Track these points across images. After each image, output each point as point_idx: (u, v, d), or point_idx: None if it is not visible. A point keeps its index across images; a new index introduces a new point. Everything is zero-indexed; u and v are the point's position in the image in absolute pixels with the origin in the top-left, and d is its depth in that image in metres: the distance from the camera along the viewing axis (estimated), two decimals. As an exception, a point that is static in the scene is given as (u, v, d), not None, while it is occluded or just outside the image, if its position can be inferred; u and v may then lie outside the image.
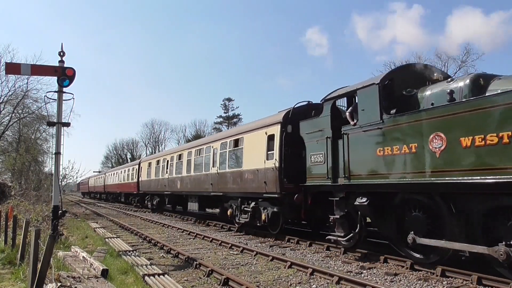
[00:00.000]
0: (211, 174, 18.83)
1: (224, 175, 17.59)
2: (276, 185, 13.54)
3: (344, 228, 10.71)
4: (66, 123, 11.36)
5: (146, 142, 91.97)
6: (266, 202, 14.46)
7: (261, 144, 14.64)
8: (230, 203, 17.21)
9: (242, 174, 15.83)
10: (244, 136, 16.29)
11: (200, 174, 20.50)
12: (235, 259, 10.99)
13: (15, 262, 9.46)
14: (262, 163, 14.39)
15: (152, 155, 40.83)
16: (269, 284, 8.12)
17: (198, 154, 21.17)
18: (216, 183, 18.21)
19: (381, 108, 9.30)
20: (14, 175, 40.57)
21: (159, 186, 28.42)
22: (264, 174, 14.22)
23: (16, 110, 43.15)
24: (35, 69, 12.34)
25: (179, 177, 23.91)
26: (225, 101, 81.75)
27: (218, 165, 18.21)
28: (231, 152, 17.36)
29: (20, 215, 14.90)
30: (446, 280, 8.12)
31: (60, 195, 11.03)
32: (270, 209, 14.23)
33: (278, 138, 13.69)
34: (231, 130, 18.90)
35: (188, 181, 22.29)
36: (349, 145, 10.21)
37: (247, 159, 15.70)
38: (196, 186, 21.05)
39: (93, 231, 17.52)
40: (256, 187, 14.77)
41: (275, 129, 14.04)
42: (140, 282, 8.10)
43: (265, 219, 14.40)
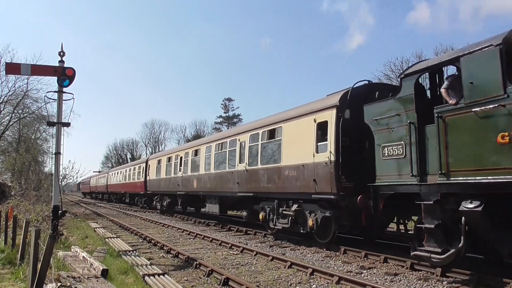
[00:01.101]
0: (238, 172, 16.37)
1: (255, 173, 15.11)
2: (331, 184, 11.12)
3: (439, 242, 8.09)
4: (66, 123, 11.34)
5: (146, 142, 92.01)
6: (314, 205, 12.16)
7: (308, 134, 12.18)
8: (262, 205, 14.93)
9: (280, 170, 13.39)
10: (283, 126, 13.68)
11: (222, 171, 17.97)
12: (235, 259, 10.99)
13: (15, 262, 9.46)
14: (310, 157, 11.94)
15: (162, 151, 37.72)
16: (269, 284, 8.13)
17: (220, 148, 18.58)
18: (245, 181, 15.80)
19: (504, 77, 6.97)
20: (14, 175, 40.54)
21: (170, 185, 25.80)
22: (313, 170, 11.79)
23: (16, 110, 43.21)
24: (35, 69, 12.32)
25: (196, 176, 21.30)
26: (225, 101, 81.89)
27: (247, 161, 15.67)
28: (264, 145, 14.83)
29: (20, 215, 14.90)
30: (446, 280, 8.12)
31: (60, 195, 11.01)
32: (320, 214, 11.84)
33: (334, 125, 11.17)
34: (264, 120, 15.55)
35: (207, 179, 19.67)
36: (448, 131, 7.84)
37: (287, 152, 13.21)
38: (217, 185, 18.50)
39: (93, 231, 17.53)
40: (300, 186, 12.39)
41: (328, 114, 11.53)
42: (140, 282, 8.10)
43: (313, 226, 12.01)
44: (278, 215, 13.79)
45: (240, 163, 16.26)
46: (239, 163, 16.29)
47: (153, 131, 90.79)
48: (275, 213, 13.95)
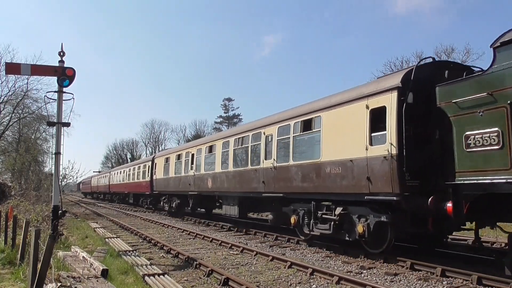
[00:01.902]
0: (263, 170, 14.46)
1: (285, 170, 13.22)
2: (392, 183, 9.16)
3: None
4: (66, 123, 11.35)
5: (146, 142, 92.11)
6: (364, 208, 10.33)
7: (357, 123, 10.31)
8: (294, 207, 13.11)
9: (319, 167, 11.48)
10: (322, 115, 11.68)
11: (244, 169, 16.07)
12: (235, 259, 10.99)
13: (15, 262, 9.46)
14: (361, 151, 10.05)
15: (171, 148, 35.14)
16: (269, 284, 8.12)
17: (240, 143, 16.64)
18: (272, 180, 13.89)
19: None
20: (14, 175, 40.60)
21: (180, 185, 23.63)
22: (366, 166, 9.87)
23: (16, 110, 43.29)
24: (35, 69, 12.33)
25: (211, 174, 19.25)
26: (225, 101, 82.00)
27: (275, 157, 13.71)
28: (298, 139, 12.91)
29: (20, 215, 14.89)
30: (446, 280, 8.12)
31: (60, 195, 11.02)
32: (373, 218, 9.99)
33: (395, 111, 9.19)
34: (296, 110, 13.48)
35: (225, 178, 17.67)
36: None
37: (328, 146, 11.25)
38: (236, 184, 16.63)
39: (93, 231, 17.52)
40: (347, 186, 10.52)
41: (386, 99, 9.59)
42: (140, 282, 8.10)
43: (363, 232, 10.12)
44: (316, 219, 11.85)
45: (266, 160, 14.35)
46: (265, 160, 14.39)
47: (153, 131, 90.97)
48: (312, 216, 12.02)
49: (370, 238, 10.19)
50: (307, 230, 12.43)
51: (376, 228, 10.00)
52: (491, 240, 12.64)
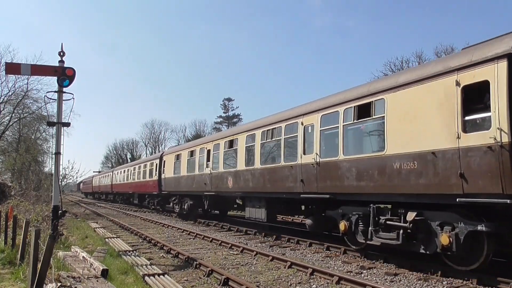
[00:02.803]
0: (302, 166, 12.31)
1: (333, 167, 11.06)
2: (502, 180, 7.13)
3: None
4: (66, 123, 11.36)
5: (146, 142, 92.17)
6: (450, 213, 8.34)
7: (443, 105, 8.22)
8: (344, 211, 11.06)
9: (384, 162, 9.36)
10: (386, 97, 9.48)
11: (275, 166, 13.91)
12: (235, 259, 10.99)
13: (15, 262, 9.46)
14: (450, 140, 7.95)
15: (182, 144, 32.67)
16: (269, 284, 8.12)
17: (270, 136, 14.47)
18: (314, 178, 11.78)
19: None
20: (14, 175, 40.63)
21: (194, 184, 21.41)
22: (458, 159, 7.80)
23: (16, 110, 43.25)
24: (35, 69, 12.34)
25: (232, 172, 17.10)
26: (225, 101, 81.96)
27: (318, 151, 11.62)
28: (350, 128, 10.81)
29: (20, 215, 14.89)
30: (446, 280, 8.12)
31: (60, 195, 11.02)
32: (465, 227, 7.96)
33: (506, 86, 7.20)
34: (346, 94, 11.18)
35: (250, 177, 15.51)
36: None
37: (397, 135, 9.08)
38: (265, 184, 14.48)
39: (93, 231, 17.52)
40: (428, 185, 8.40)
41: (489, 71, 7.51)
42: (140, 282, 8.10)
43: (449, 245, 8.04)
44: (377, 225, 9.68)
45: (305, 154, 12.16)
46: (304, 154, 12.22)
47: (153, 131, 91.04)
48: (371, 222, 9.83)
49: (459, 252, 8.02)
50: (362, 238, 10.24)
51: (467, 239, 7.95)
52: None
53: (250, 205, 16.17)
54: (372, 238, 9.89)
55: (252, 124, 16.57)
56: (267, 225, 16.78)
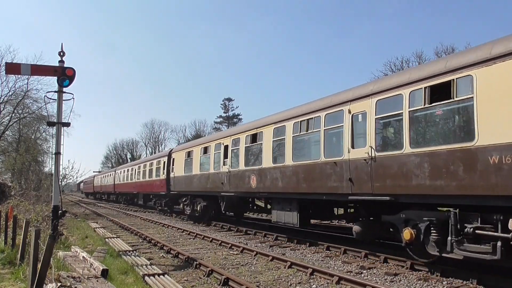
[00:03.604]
0: (350, 162, 10.39)
1: (395, 162, 9.11)
2: None
3: None
4: (66, 123, 11.36)
5: (146, 142, 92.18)
6: None
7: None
8: (408, 217, 9.12)
9: (474, 155, 7.48)
10: (474, 74, 7.62)
11: (313, 162, 11.86)
12: (235, 259, 10.99)
13: (15, 262, 9.46)
14: None
15: (194, 141, 30.01)
16: (269, 284, 8.12)
17: (305, 129, 12.46)
18: (368, 177, 9.81)
19: None
20: (14, 175, 40.61)
21: (208, 184, 19.45)
22: None
23: (16, 110, 43.24)
24: (35, 69, 12.33)
25: (256, 170, 15.09)
26: (225, 101, 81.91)
27: (373, 143, 9.67)
28: (419, 114, 8.88)
29: (20, 215, 14.89)
30: (446, 280, 8.12)
31: (60, 195, 11.02)
32: None
33: None
34: (413, 72, 9.28)
35: (279, 175, 13.60)
36: None
37: (494, 121, 7.23)
38: (301, 183, 12.43)
39: (93, 231, 17.52)
40: None
41: None
42: (140, 282, 8.10)
43: None
44: (459, 235, 7.80)
45: (354, 148, 10.27)
46: (353, 148, 10.31)
47: (153, 131, 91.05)
48: (452, 231, 7.89)
49: None
50: (435, 250, 8.34)
51: None
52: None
53: (278, 207, 14.16)
54: (452, 250, 7.89)
55: (280, 115, 14.32)
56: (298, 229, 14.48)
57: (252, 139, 15.77)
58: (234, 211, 20.73)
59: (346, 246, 11.60)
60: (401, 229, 9.20)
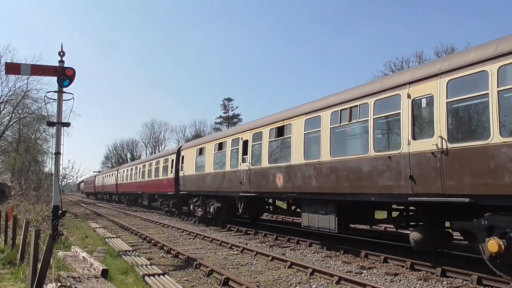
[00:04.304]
0: (411, 156, 8.71)
1: (478, 155, 7.46)
2: None
3: None
4: (66, 123, 11.36)
5: (146, 142, 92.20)
6: None
7: None
8: (492, 223, 7.49)
9: None
10: None
11: (359, 158, 10.25)
12: (235, 259, 10.99)
13: (15, 262, 9.47)
14: None
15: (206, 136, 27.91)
16: (269, 284, 8.12)
17: (347, 118, 10.73)
18: (436, 174, 8.12)
19: None
20: (14, 175, 40.57)
21: (224, 183, 17.86)
22: None
23: (16, 110, 43.25)
24: (35, 69, 12.33)
25: (283, 167, 13.40)
26: (224, 101, 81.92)
27: (446, 134, 8.00)
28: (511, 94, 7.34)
29: (20, 215, 14.90)
30: (446, 280, 8.12)
31: (60, 195, 11.02)
32: None
33: None
34: (500, 45, 7.42)
35: (312, 173, 11.87)
36: None
37: None
38: (341, 182, 10.81)
39: (93, 231, 17.53)
40: None
41: None
42: (140, 282, 8.10)
43: None
44: None
45: (417, 139, 8.63)
46: (414, 140, 8.68)
47: (153, 131, 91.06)
48: None
49: None
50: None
51: None
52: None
53: (310, 210, 12.37)
54: None
55: (313, 104, 12.56)
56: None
57: (278, 133, 14.02)
58: (253, 213, 18.86)
59: (346, 246, 11.59)
60: (483, 238, 7.55)
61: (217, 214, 19.23)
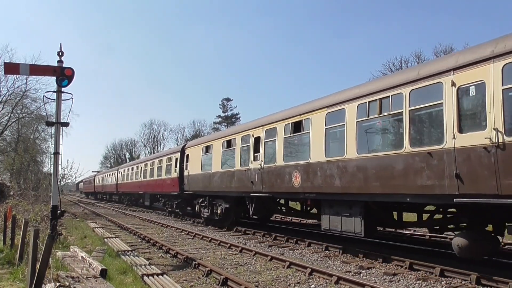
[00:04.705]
0: (456, 152, 7.80)
1: None
2: None
3: None
4: (65, 123, 11.36)
5: (145, 142, 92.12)
6: None
7: None
8: None
9: None
10: None
11: (391, 154, 9.33)
12: (234, 259, 10.99)
13: (14, 262, 9.47)
14: None
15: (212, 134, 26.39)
16: (268, 284, 8.13)
17: (377, 111, 9.68)
18: (490, 172, 7.22)
19: None
20: (13, 175, 40.52)
21: (233, 183, 16.84)
22: None
23: (15, 110, 43.21)
24: (33, 69, 12.34)
25: (300, 166, 12.34)
26: (223, 101, 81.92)
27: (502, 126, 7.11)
28: None
29: (19, 215, 14.90)
30: (445, 280, 8.13)
31: (59, 195, 11.02)
32: None
33: None
34: None
35: (336, 171, 10.81)
36: None
37: None
38: (369, 181, 9.74)
39: (92, 231, 17.51)
40: None
41: None
42: (139, 282, 8.10)
43: None
44: None
45: (463, 133, 7.70)
46: (460, 133, 7.73)
47: (152, 131, 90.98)
48: None
49: None
50: None
51: None
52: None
53: (332, 211, 11.33)
54: None
55: (335, 97, 11.50)
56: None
57: (295, 128, 12.95)
58: (264, 215, 17.86)
59: (345, 245, 11.60)
60: None
61: (225, 216, 18.33)
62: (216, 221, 19.16)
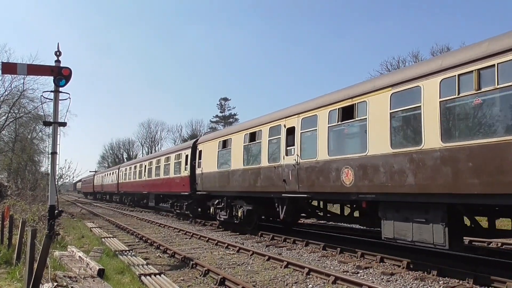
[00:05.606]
0: None
1: None
2: None
3: None
4: (63, 123, 11.38)
5: (143, 142, 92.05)
6: None
7: None
8: None
9: None
10: None
11: (494, 142, 7.09)
12: (231, 258, 10.99)
13: (12, 262, 9.44)
14: None
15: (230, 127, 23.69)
16: (266, 284, 8.13)
17: (475, 86, 7.40)
18: None
19: None
20: (10, 175, 40.43)
21: (259, 182, 14.65)
22: None
23: (12, 110, 43.07)
24: (31, 69, 12.32)
25: (353, 160, 10.20)
26: (221, 101, 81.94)
27: None
28: None
29: (17, 215, 14.86)
30: (443, 279, 8.16)
31: (57, 195, 11.01)
32: None
33: None
34: None
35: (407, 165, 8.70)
36: None
37: None
38: (460, 179, 7.65)
39: (90, 231, 17.48)
40: None
41: None
42: (137, 281, 8.09)
43: None
44: None
45: None
46: None
47: (149, 130, 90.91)
48: None
49: None
50: None
51: None
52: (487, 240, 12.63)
53: (399, 217, 9.10)
54: None
55: (403, 73, 9.47)
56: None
57: (344, 115, 10.74)
58: (294, 219, 15.81)
59: (343, 245, 11.62)
60: None
61: (247, 219, 16.22)
62: (236, 225, 17.14)
